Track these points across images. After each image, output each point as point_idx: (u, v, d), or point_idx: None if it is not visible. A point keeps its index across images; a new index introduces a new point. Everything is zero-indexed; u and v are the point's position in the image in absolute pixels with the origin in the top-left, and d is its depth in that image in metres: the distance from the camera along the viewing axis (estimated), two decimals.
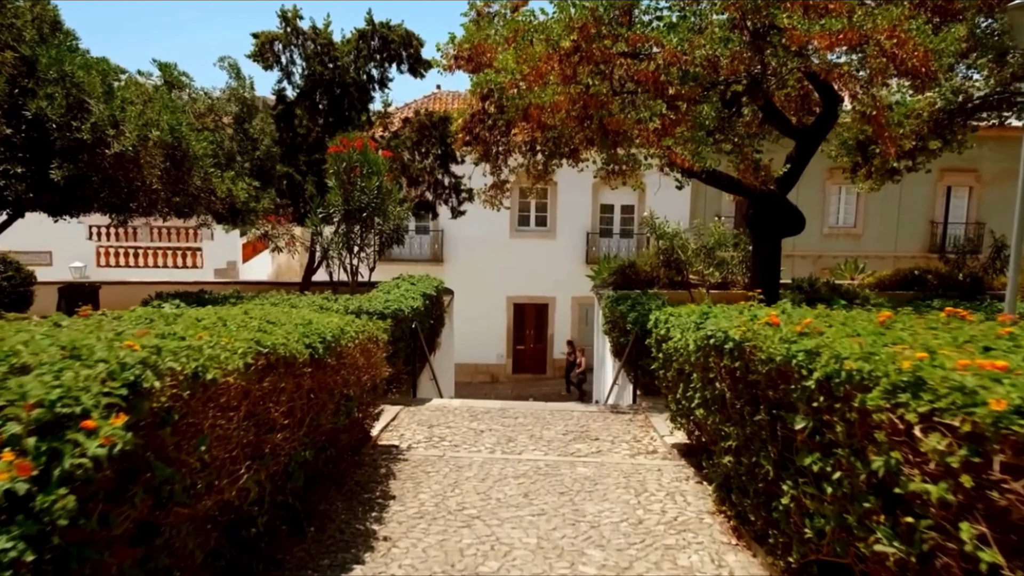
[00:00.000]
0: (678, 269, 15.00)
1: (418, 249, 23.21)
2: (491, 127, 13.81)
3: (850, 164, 14.54)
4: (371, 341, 5.97)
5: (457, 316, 23.69)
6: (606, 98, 8.96)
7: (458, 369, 23.90)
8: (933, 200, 24.65)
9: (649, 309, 9.32)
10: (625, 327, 9.59)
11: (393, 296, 9.06)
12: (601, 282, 15.38)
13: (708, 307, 5.20)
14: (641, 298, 10.26)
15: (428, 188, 14.37)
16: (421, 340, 9.32)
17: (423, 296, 9.52)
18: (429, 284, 10.31)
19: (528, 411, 8.46)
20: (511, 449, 6.71)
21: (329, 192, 11.04)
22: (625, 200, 23.64)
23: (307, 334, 4.05)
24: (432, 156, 14.18)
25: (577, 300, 23.85)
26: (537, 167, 14.26)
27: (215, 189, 8.29)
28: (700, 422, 5.10)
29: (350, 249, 11.26)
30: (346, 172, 10.82)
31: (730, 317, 4.44)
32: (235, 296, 9.06)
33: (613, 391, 10.91)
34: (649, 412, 8.33)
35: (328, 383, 4.44)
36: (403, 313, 8.51)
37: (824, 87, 10.33)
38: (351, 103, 13.82)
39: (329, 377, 4.45)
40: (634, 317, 9.16)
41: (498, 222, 22.76)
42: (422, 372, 9.75)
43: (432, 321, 10.56)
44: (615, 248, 22.79)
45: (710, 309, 5.06)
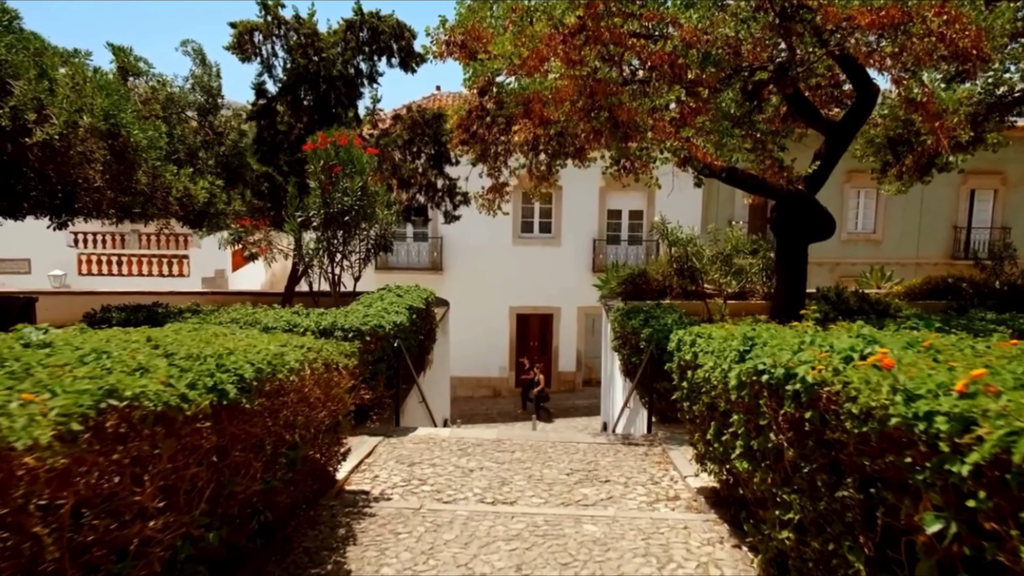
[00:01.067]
0: (692, 278, 13.87)
1: (416, 257, 22.14)
2: (489, 124, 12.78)
3: (879, 164, 13.42)
4: (331, 369, 4.87)
5: (457, 327, 22.60)
6: (615, 87, 7.87)
7: (458, 383, 22.83)
8: (956, 204, 23.48)
9: (665, 324, 8.22)
10: (638, 344, 8.48)
11: (374, 310, 7.97)
12: (609, 292, 14.26)
13: (752, 329, 4.07)
14: (655, 311, 9.14)
15: (420, 190, 13.30)
16: (407, 360, 8.22)
17: (409, 309, 8.42)
18: (417, 296, 9.22)
19: (527, 443, 7.34)
20: (504, 495, 5.59)
21: (309, 194, 9.97)
22: (633, 205, 22.54)
23: (213, 371, 2.95)
24: (425, 156, 13.11)
25: (583, 310, 22.75)
26: (540, 168, 13.24)
27: (170, 187, 7.23)
28: (742, 476, 3.97)
29: (331, 257, 10.19)
30: (325, 171, 9.75)
31: (786, 344, 3.31)
32: (191, 309, 7.99)
33: (624, 415, 9.78)
34: (667, 444, 7.20)
35: (253, 433, 3.34)
36: (383, 330, 7.41)
37: (859, 74, 9.22)
38: (338, 99, 12.77)
39: (255, 426, 3.35)
40: (648, 334, 8.04)
41: (500, 229, 21.73)
42: (408, 396, 8.64)
43: (421, 337, 9.46)
44: (623, 256, 21.71)
45: (755, 332, 3.93)
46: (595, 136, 7.98)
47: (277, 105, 12.65)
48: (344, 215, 9.77)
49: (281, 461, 3.91)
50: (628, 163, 8.46)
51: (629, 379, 9.40)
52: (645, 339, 8.03)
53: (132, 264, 21.40)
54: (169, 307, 8.47)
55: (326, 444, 5.00)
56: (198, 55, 9.56)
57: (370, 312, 7.79)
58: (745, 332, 3.96)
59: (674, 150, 7.31)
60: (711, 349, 4.49)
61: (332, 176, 9.74)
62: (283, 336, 4.66)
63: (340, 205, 9.76)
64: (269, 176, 11.89)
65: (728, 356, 3.92)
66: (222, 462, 3.10)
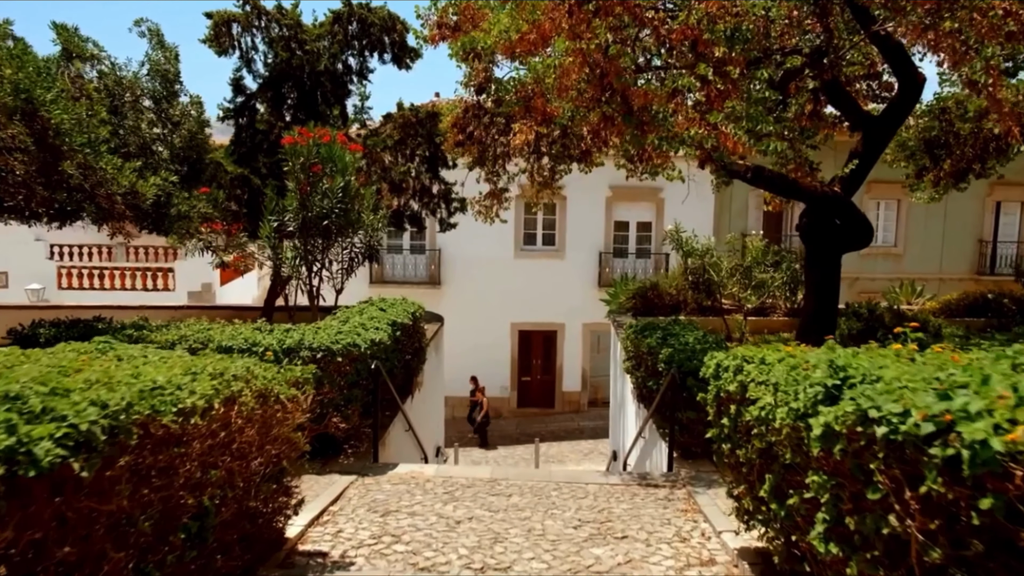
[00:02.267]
0: (708, 292, 12.75)
1: (413, 270, 21.06)
2: (487, 125, 11.76)
3: (913, 169, 12.33)
4: (271, 402, 3.75)
5: (456, 344, 21.46)
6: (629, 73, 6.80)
7: (457, 403, 21.63)
8: (981, 217, 22.35)
9: (687, 344, 7.10)
10: (655, 367, 7.35)
11: (350, 326, 6.87)
12: (617, 307, 13.15)
13: (835, 353, 2.95)
14: (674, 328, 8.02)
15: (413, 196, 12.23)
16: (388, 383, 7.10)
17: (392, 325, 7.32)
18: (403, 310, 8.11)
19: (526, 484, 6.19)
20: (497, 559, 4.45)
21: (286, 196, 8.91)
22: (642, 216, 21.46)
23: (14, 423, 1.84)
24: (418, 158, 12.05)
25: (589, 327, 21.59)
26: (542, 173, 12.21)
27: (110, 182, 6.16)
28: (823, 559, 2.82)
29: (309, 267, 9.10)
30: (305, 170, 8.69)
31: (917, 378, 2.18)
32: (136, 325, 6.88)
33: (638, 445, 8.63)
34: (692, 485, 6.05)
35: (105, 512, 2.22)
36: (358, 349, 6.30)
37: (902, 61, 8.15)
38: (324, 96, 11.74)
39: (110, 499, 2.23)
40: (668, 355, 6.91)
41: (501, 241, 20.68)
42: (391, 424, 7.51)
43: (408, 356, 8.34)
44: (630, 270, 20.57)
45: (844, 358, 2.81)
46: (606, 124, 6.88)
47: (256, 102, 11.64)
48: (324, 219, 8.69)
49: (179, 536, 2.79)
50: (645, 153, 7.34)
51: (644, 405, 8.27)
52: (664, 361, 6.89)
53: (115, 277, 20.34)
54: (112, 322, 7.39)
55: (265, 497, 3.87)
56: (154, 35, 8.54)
57: (344, 328, 6.69)
58: (829, 358, 2.83)
59: (699, 140, 6.21)
60: (769, 380, 3.37)
61: (311, 176, 8.67)
62: (204, 360, 3.54)
63: (319, 208, 8.68)
64: (246, 179, 10.84)
65: (804, 392, 2.79)
66: (68, 549, 2.00)
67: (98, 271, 20.41)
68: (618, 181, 20.92)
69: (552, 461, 18.09)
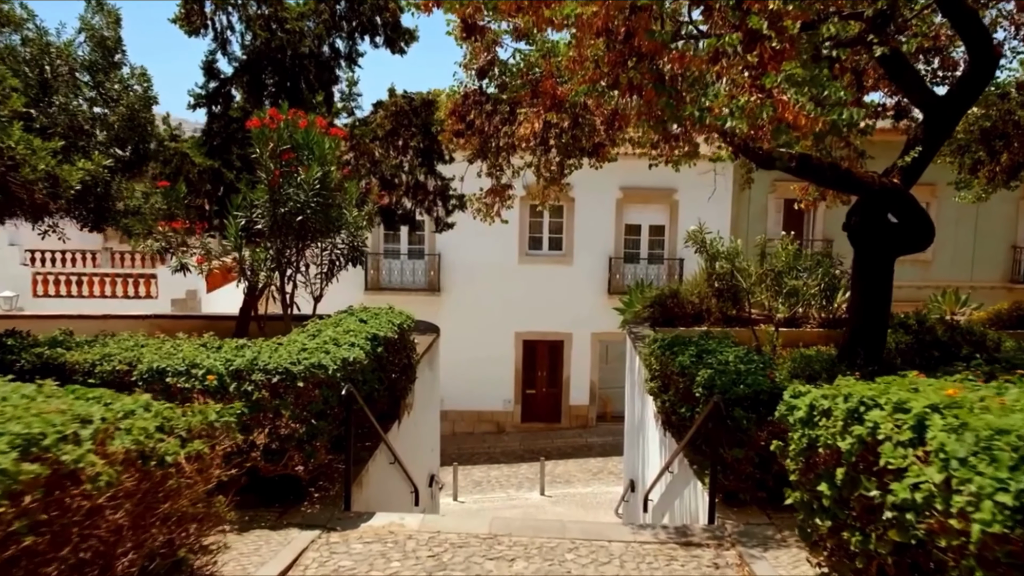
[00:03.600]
0: (735, 300, 11.49)
1: (411, 276, 19.81)
2: (490, 113, 10.55)
3: (969, 162, 11.06)
4: (152, 466, 2.49)
5: (456, 355, 20.16)
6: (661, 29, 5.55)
7: (458, 417, 20.37)
8: (1015, 221, 21.05)
9: (727, 363, 5.84)
10: (689, 390, 6.08)
11: (318, 342, 5.62)
12: (633, 317, 11.88)
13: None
14: (708, 344, 6.75)
15: (407, 192, 10.99)
16: (366, 410, 5.84)
17: (372, 340, 6.07)
18: (387, 321, 6.85)
19: (534, 543, 4.91)
20: None
21: (255, 188, 7.70)
22: (654, 219, 20.20)
23: None
24: (412, 151, 10.82)
25: (598, 336, 20.32)
26: (550, 167, 10.99)
27: (23, 164, 4.95)
28: None
29: (281, 270, 7.86)
30: (275, 158, 7.46)
31: None
32: (53, 342, 5.63)
33: (663, 481, 7.35)
34: (744, 545, 4.77)
35: None
36: (325, 371, 5.05)
37: (977, 32, 6.90)
38: (308, 83, 10.52)
39: None
40: (708, 377, 5.64)
41: (505, 244, 19.45)
42: (372, 458, 6.25)
43: (395, 375, 7.09)
44: (642, 276, 19.27)
45: None
46: (631, 93, 5.62)
47: (232, 88, 10.42)
48: (298, 215, 7.46)
49: None
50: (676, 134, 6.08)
51: (671, 434, 6.99)
52: (704, 385, 5.62)
53: (93, 284, 19.14)
54: (28, 335, 6.16)
55: None
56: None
57: (311, 345, 5.45)
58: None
59: (751, 111, 4.95)
60: (930, 444, 2.09)
61: (283, 165, 7.45)
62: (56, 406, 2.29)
63: (293, 203, 7.46)
64: (217, 173, 9.62)
65: None
66: None
67: (76, 277, 19.21)
68: (629, 182, 19.69)
69: (558, 481, 16.80)
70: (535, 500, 15.62)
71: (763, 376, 5.38)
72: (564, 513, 14.79)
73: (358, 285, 19.06)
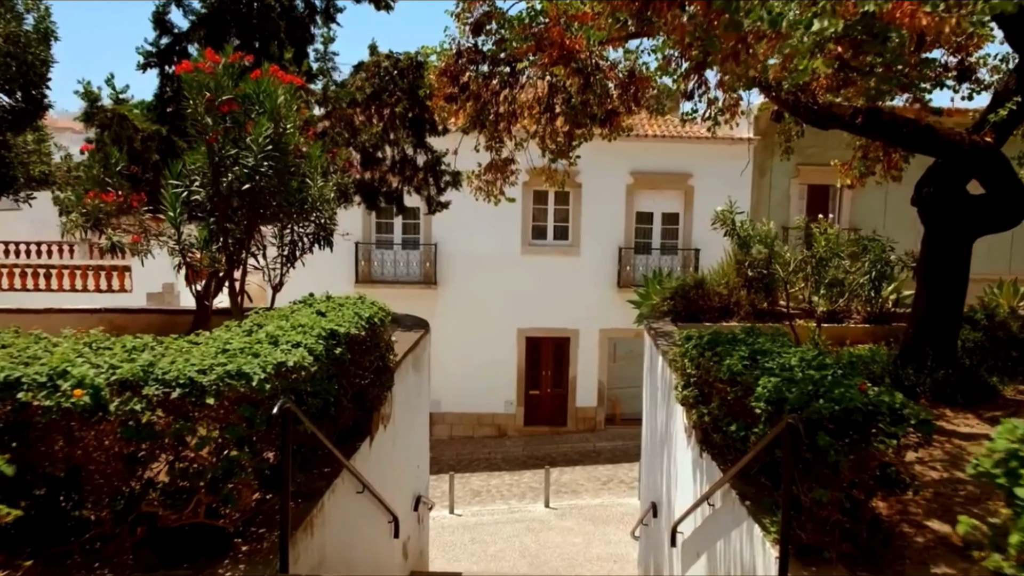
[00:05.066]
0: (768, 291, 10.04)
1: (405, 268, 18.37)
2: (487, 75, 9.15)
3: None
4: None
5: (455, 354, 18.69)
6: None
7: (456, 420, 18.93)
8: None
9: (790, 367, 4.40)
10: (742, 404, 4.64)
11: (247, 341, 4.19)
12: (651, 311, 10.43)
13: None
14: (761, 342, 5.29)
15: (392, 168, 9.55)
16: (317, 433, 4.40)
17: (327, 338, 4.64)
18: (352, 315, 5.39)
19: None
20: None
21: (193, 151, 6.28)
22: (668, 207, 18.74)
23: None
24: (398, 119, 9.37)
25: (606, 333, 18.89)
26: (556, 138, 9.62)
27: None
28: None
29: (228, 253, 6.43)
30: (213, 112, 6.02)
31: None
32: None
33: (699, 513, 5.90)
34: None
35: None
36: (247, 383, 3.62)
37: None
38: (279, 40, 9.07)
39: None
40: (773, 389, 4.18)
41: (507, 234, 18.05)
42: (326, 493, 4.81)
43: (365, 380, 5.64)
44: (654, 268, 17.78)
45: None
46: (670, 6, 4.16)
47: (188, 45, 8.99)
48: (244, 183, 6.02)
49: None
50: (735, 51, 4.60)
51: (711, 455, 5.55)
52: (768, 399, 4.17)
53: (64, 277, 17.75)
54: None
55: None
56: None
57: (235, 345, 4.01)
58: None
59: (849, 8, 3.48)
60: None
61: (225, 120, 6.01)
62: None
63: (240, 169, 6.02)
64: (167, 141, 8.20)
65: None
66: None
67: (44, 270, 17.81)
68: (641, 166, 18.22)
69: (565, 491, 15.37)
70: (539, 513, 14.20)
71: (852, 388, 3.93)
72: (571, 528, 13.38)
73: (347, 278, 17.69)
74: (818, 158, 19.10)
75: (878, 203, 18.70)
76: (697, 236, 18.37)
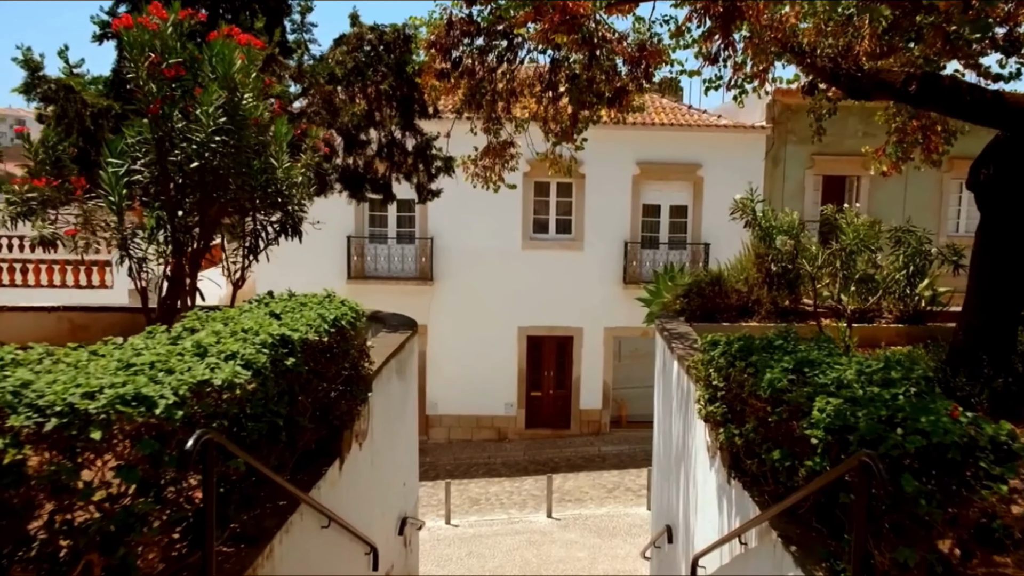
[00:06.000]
0: (791, 287, 9.14)
1: (399, 263, 17.47)
2: (483, 49, 8.31)
3: None
4: None
5: (453, 353, 17.77)
6: None
7: (453, 423, 18.05)
8: None
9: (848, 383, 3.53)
10: (786, 428, 3.75)
11: (169, 351, 3.30)
12: (662, 309, 9.56)
13: None
14: (808, 350, 4.39)
15: (379, 152, 8.66)
16: (257, 467, 3.51)
17: (275, 346, 3.76)
18: (314, 316, 4.50)
19: None
20: None
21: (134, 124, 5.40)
22: (676, 199, 17.82)
23: None
24: (384, 98, 8.48)
25: (611, 332, 17.99)
26: (560, 120, 8.78)
27: None
28: None
29: (176, 243, 5.55)
30: (155, 75, 5.14)
31: None
32: None
33: (727, 549, 5.02)
34: None
35: None
36: (147, 410, 2.72)
37: None
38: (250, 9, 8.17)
39: None
40: (835, 412, 3.29)
41: (507, 227, 17.17)
42: (282, 532, 3.92)
43: (332, 393, 4.76)
44: (662, 263, 16.88)
45: None
46: None
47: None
48: (193, 161, 5.13)
49: None
50: None
51: (743, 483, 4.66)
52: (829, 426, 3.27)
53: (41, 272, 16.90)
54: None
55: None
56: None
57: (143, 359, 3.12)
58: None
59: None
60: None
61: (171, 86, 5.13)
62: None
63: (191, 144, 5.14)
64: (120, 117, 7.31)
65: None
66: None
67: (20, 264, 16.96)
68: (647, 155, 17.28)
69: (568, 500, 14.50)
70: (541, 524, 13.33)
71: (942, 415, 3.03)
72: (575, 541, 12.51)
73: (339, 274, 16.80)
74: (834, 148, 18.19)
75: (897, 195, 17.79)
76: (707, 230, 17.45)
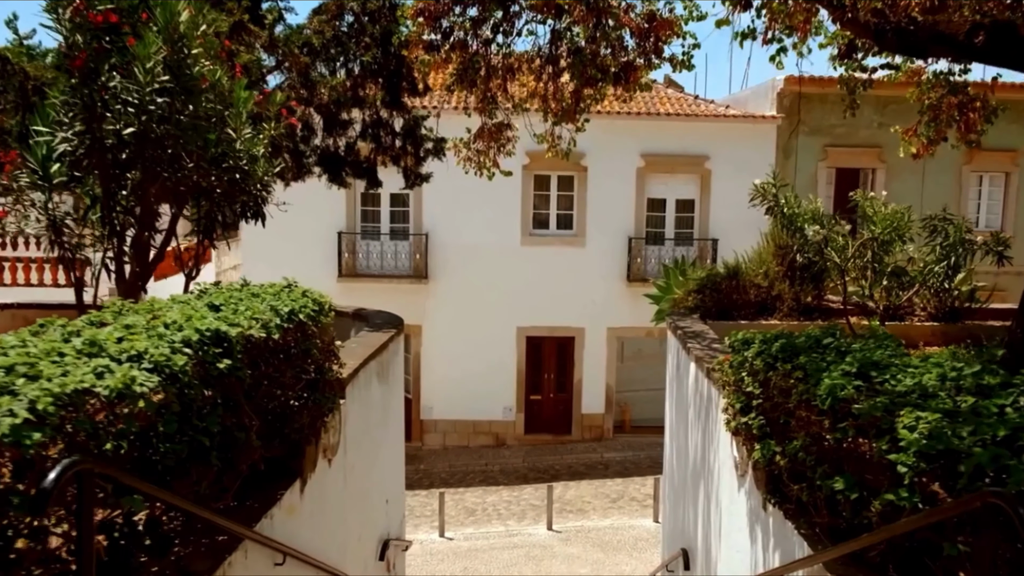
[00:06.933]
0: (815, 282, 8.34)
1: (392, 260, 16.65)
2: (476, 20, 7.56)
3: None
4: None
5: (449, 354, 16.83)
6: None
7: (449, 428, 17.22)
8: None
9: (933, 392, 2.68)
10: (863, 453, 2.92)
11: (47, 350, 2.49)
12: (673, 306, 8.75)
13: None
14: (870, 349, 3.58)
15: (363, 133, 7.85)
16: (166, 499, 2.69)
17: (200, 346, 2.95)
18: (265, 309, 3.70)
19: None
20: None
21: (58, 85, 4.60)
22: (682, 193, 17.02)
23: None
24: (369, 72, 7.68)
25: (614, 332, 17.19)
26: (562, 99, 8.05)
27: None
28: None
29: (112, 227, 4.75)
30: (82, 27, 4.33)
31: None
32: None
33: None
34: None
35: None
36: None
37: None
38: None
39: None
40: (935, 435, 2.47)
41: (505, 222, 16.39)
42: (217, 573, 3.11)
43: (284, 402, 3.95)
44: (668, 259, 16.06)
45: None
46: None
47: None
48: (130, 127, 4.33)
49: None
50: None
51: (785, 511, 3.85)
52: (923, 450, 2.45)
53: (16, 271, 16.09)
54: None
55: None
56: None
57: (6, 360, 2.30)
58: None
59: None
60: None
61: (96, 36, 4.33)
62: None
63: (125, 105, 4.33)
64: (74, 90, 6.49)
65: None
66: None
67: None
68: (652, 147, 16.48)
69: (569, 510, 13.69)
70: (541, 537, 12.52)
71: None
72: (577, 556, 11.69)
73: (330, 272, 15.99)
74: (848, 139, 17.44)
75: (914, 188, 16.97)
76: (715, 225, 16.66)
